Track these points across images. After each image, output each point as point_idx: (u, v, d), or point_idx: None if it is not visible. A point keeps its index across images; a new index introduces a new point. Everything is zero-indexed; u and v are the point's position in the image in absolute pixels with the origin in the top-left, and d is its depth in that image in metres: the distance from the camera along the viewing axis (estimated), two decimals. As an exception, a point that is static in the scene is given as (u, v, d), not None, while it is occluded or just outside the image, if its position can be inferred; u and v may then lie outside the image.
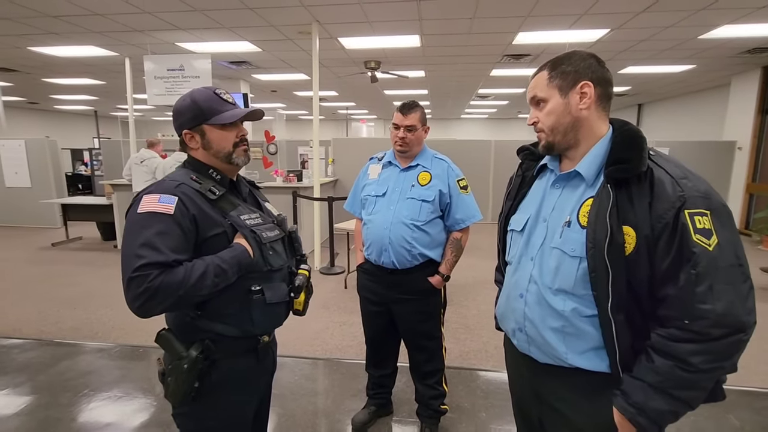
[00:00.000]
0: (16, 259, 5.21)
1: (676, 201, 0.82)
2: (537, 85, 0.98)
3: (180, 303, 0.96)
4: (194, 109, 1.09)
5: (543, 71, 0.98)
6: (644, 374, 0.85)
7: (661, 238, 0.82)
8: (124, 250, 0.95)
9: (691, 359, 0.80)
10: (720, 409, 2.19)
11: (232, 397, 1.12)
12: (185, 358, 1.01)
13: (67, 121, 14.31)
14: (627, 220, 0.85)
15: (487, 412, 2.22)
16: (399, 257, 1.74)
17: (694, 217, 0.80)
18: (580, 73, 0.93)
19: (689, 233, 0.80)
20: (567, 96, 0.94)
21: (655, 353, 0.84)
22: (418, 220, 1.73)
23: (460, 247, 1.83)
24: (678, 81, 8.02)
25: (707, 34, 4.92)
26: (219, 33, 5.01)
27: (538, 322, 0.98)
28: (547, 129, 0.98)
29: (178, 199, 1.00)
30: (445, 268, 1.81)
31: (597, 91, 0.93)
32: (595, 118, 0.95)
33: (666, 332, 0.83)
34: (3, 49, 5.70)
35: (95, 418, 2.17)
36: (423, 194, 1.74)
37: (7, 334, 3.12)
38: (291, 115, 14.94)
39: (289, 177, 5.58)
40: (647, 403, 0.83)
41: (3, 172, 7.14)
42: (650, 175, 0.86)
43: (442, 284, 1.83)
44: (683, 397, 0.83)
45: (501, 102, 11.76)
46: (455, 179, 1.79)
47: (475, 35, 5.08)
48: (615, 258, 0.84)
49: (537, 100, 0.99)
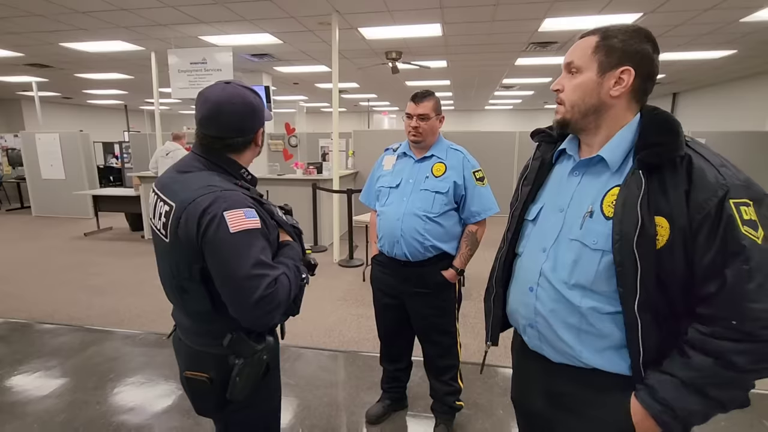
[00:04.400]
0: (50, 248, 5.45)
1: (719, 189, 0.74)
2: (579, 50, 0.88)
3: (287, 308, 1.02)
4: (263, 107, 1.08)
5: (592, 36, 0.87)
6: (676, 369, 0.77)
7: (701, 230, 0.75)
8: (236, 272, 0.92)
9: (735, 358, 0.73)
10: (755, 415, 2.07)
11: (278, 374, 1.20)
12: (263, 349, 1.03)
13: (100, 115, 14.83)
14: (660, 210, 0.77)
15: (505, 409, 2.17)
16: (411, 249, 1.71)
17: (740, 207, 0.73)
18: (627, 54, 0.83)
19: (736, 224, 0.72)
20: (604, 75, 0.85)
21: (691, 349, 0.76)
22: (431, 212, 1.69)
23: (476, 240, 1.78)
24: (716, 68, 7.58)
25: (750, 17, 4.60)
26: (240, 25, 5.04)
27: (550, 317, 0.92)
28: (568, 103, 0.90)
29: (255, 210, 0.98)
30: (460, 262, 1.76)
31: (636, 82, 0.84)
32: (624, 107, 0.86)
33: (707, 329, 0.75)
34: (37, 46, 5.93)
35: (119, 402, 2.25)
36: (437, 186, 1.69)
37: (41, 319, 3.27)
38: (312, 107, 15.01)
39: (309, 169, 5.61)
40: (677, 400, 0.77)
41: (39, 165, 7.47)
42: (687, 162, 0.77)
43: (456, 278, 1.78)
44: (719, 397, 0.76)
45: (526, 92, 11.44)
46: (471, 170, 1.73)
47: (498, 23, 4.92)
48: (645, 251, 0.77)
49: (572, 67, 0.89)
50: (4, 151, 8.91)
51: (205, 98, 1.02)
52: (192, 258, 0.97)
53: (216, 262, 0.94)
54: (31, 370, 2.56)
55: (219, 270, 0.94)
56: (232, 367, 1.01)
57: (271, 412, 1.22)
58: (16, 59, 6.76)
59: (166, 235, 0.99)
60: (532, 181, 1.03)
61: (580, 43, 0.89)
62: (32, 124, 11.49)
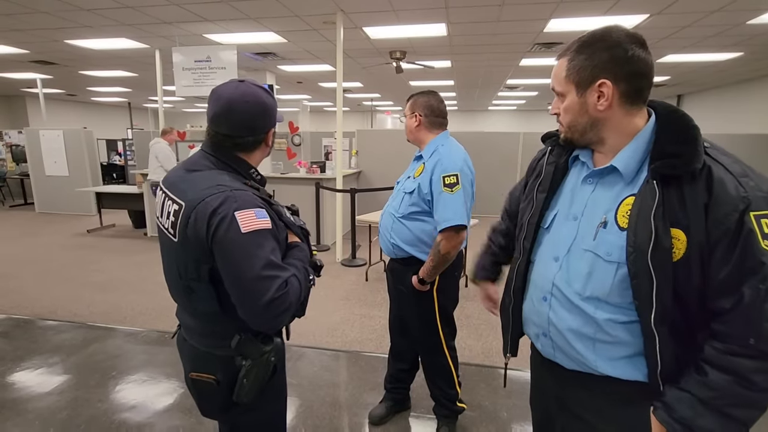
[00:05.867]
0: (53, 245, 5.46)
1: (740, 203, 0.71)
2: (555, 77, 0.88)
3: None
4: (275, 108, 1.07)
5: (562, 60, 0.86)
6: (693, 387, 0.76)
7: (719, 244, 0.72)
8: (246, 273, 0.90)
9: (754, 377, 0.71)
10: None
11: (284, 375, 1.19)
12: (271, 350, 1.02)
13: (103, 112, 14.86)
14: (676, 222, 0.74)
15: (509, 412, 2.15)
16: (385, 246, 1.81)
17: (761, 220, 0.70)
18: (599, 68, 0.80)
19: (756, 239, 0.70)
20: (584, 94, 0.83)
21: (709, 366, 0.74)
22: (398, 212, 1.73)
23: (438, 252, 1.60)
24: (722, 70, 7.53)
25: (757, 19, 4.57)
26: (244, 24, 5.03)
27: (563, 327, 0.90)
28: (565, 125, 0.90)
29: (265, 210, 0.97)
30: (423, 272, 1.66)
31: (620, 88, 0.80)
32: (621, 116, 0.83)
33: (724, 347, 0.73)
34: (42, 43, 5.93)
35: (121, 399, 2.24)
36: (408, 186, 1.71)
37: (43, 316, 3.27)
38: (316, 106, 15.00)
39: (312, 168, 5.60)
40: (695, 419, 0.75)
41: (43, 161, 7.48)
42: (707, 173, 0.74)
43: (423, 287, 1.69)
44: (738, 416, 0.74)
45: (530, 93, 11.40)
46: (441, 174, 1.60)
47: (504, 23, 4.90)
48: (660, 264, 0.74)
49: (556, 92, 0.89)
50: (8, 147, 8.93)
51: (218, 95, 1.01)
52: (200, 258, 0.95)
53: (226, 262, 0.92)
54: (33, 366, 2.55)
55: (229, 271, 0.92)
56: (239, 368, 1.00)
57: (277, 414, 1.21)
58: (21, 56, 6.77)
59: (175, 234, 0.97)
60: (547, 188, 0.98)
61: (555, 69, 0.89)
62: (36, 121, 11.51)
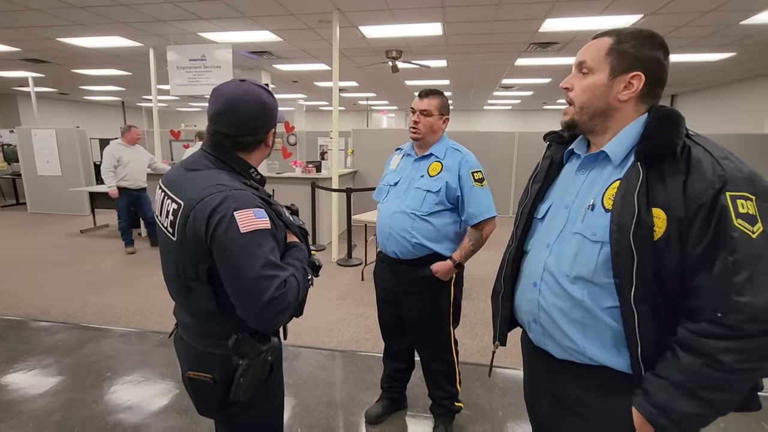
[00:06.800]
0: (47, 245, 5.40)
1: (716, 181, 0.74)
2: (593, 51, 0.88)
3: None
4: (276, 108, 1.06)
5: (607, 38, 0.87)
6: (668, 372, 0.78)
7: (695, 220, 0.75)
8: (245, 273, 0.90)
9: (722, 357, 0.72)
10: (754, 417, 2.07)
11: (280, 374, 1.19)
12: (268, 349, 1.02)
13: (96, 111, 14.73)
14: (657, 202, 0.77)
15: (504, 410, 2.16)
16: (400, 247, 1.72)
17: (737, 200, 0.72)
18: (639, 60, 0.84)
19: (730, 217, 0.72)
20: (614, 79, 0.85)
21: (681, 349, 0.76)
22: (419, 211, 1.68)
23: (480, 237, 1.71)
24: (715, 70, 7.60)
25: (750, 20, 4.61)
26: (240, 22, 5.01)
27: (553, 312, 0.92)
28: (578, 104, 0.90)
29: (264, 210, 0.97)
30: (458, 255, 1.69)
31: (645, 87, 0.84)
32: (631, 110, 0.87)
33: (695, 327, 0.75)
34: (34, 41, 5.87)
35: (116, 400, 2.23)
36: (429, 185, 1.68)
37: (37, 317, 3.24)
38: (311, 106, 14.96)
39: (308, 168, 5.58)
40: (671, 403, 0.76)
41: (35, 161, 7.39)
42: (687, 153, 0.78)
43: (452, 271, 1.71)
44: (711, 399, 0.75)
45: (525, 93, 11.44)
46: (468, 171, 1.67)
47: (500, 23, 4.91)
48: (642, 242, 0.77)
49: (583, 67, 0.89)
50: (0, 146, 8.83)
51: (219, 94, 1.01)
52: (199, 258, 0.95)
53: (225, 262, 0.92)
54: (27, 368, 2.53)
55: (228, 270, 0.92)
56: (236, 367, 1.00)
57: (273, 413, 1.21)
58: (13, 54, 6.69)
59: (174, 233, 0.97)
60: (541, 180, 1.04)
61: (594, 43, 0.89)
62: (28, 120, 11.39)
